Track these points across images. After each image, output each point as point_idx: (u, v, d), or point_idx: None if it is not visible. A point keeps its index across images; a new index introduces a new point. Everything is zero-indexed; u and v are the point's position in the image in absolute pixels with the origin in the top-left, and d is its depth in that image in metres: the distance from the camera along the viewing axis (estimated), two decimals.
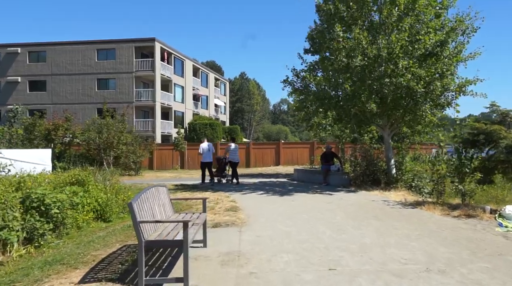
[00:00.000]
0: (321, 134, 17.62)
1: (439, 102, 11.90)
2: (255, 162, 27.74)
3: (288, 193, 11.75)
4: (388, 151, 13.29)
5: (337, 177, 13.74)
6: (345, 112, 12.83)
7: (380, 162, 13.65)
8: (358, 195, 11.22)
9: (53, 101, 36.06)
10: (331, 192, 11.75)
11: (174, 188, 13.72)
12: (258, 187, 13.77)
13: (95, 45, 36.16)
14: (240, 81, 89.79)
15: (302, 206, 9.25)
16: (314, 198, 10.66)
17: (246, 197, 11.20)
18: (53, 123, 18.08)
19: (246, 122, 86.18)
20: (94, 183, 8.84)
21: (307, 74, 14.00)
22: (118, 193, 9.47)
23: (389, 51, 10.92)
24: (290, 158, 28.00)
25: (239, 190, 12.82)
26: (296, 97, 15.22)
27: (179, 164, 27.25)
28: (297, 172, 16.48)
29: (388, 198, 10.56)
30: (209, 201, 10.48)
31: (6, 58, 36.59)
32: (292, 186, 14.23)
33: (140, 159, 20.01)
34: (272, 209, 9.00)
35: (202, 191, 12.78)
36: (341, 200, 10.15)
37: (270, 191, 12.57)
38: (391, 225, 7.03)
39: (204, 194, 11.91)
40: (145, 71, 35.82)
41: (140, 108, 36.84)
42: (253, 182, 15.97)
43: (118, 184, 10.97)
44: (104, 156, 18.84)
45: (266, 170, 23.92)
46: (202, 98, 48.47)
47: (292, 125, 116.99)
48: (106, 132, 18.66)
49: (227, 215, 8.11)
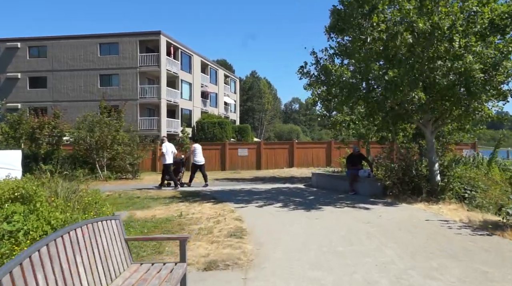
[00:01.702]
0: (343, 134, 15.16)
1: (502, 92, 9.33)
2: (267, 163, 25.37)
3: (309, 206, 9.34)
4: (431, 152, 10.77)
5: (367, 184, 11.29)
6: (379, 106, 10.37)
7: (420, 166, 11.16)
8: (400, 209, 8.74)
9: (54, 98, 34.22)
10: (365, 205, 9.30)
11: (169, 197, 11.43)
12: (271, 196, 11.40)
13: (97, 39, 34.21)
14: (251, 80, 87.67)
15: (332, 228, 6.85)
16: (344, 214, 8.23)
17: (257, 211, 8.84)
18: (38, 121, 15.98)
19: (257, 122, 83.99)
20: (51, 198, 6.59)
21: (328, 63, 11.61)
22: (87, 208, 7.21)
23: (450, 25, 8.35)
24: (304, 159, 25.56)
25: (248, 200, 10.47)
26: (315, 89, 12.84)
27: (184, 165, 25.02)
28: (316, 177, 14.06)
29: (442, 215, 8.08)
30: (209, 217, 8.15)
31: (5, 53, 34.90)
32: (313, 194, 11.82)
33: (138, 160, 17.81)
34: (291, 233, 6.62)
35: (203, 201, 10.46)
36: (382, 218, 7.71)
37: (286, 201, 10.18)
38: (479, 271, 4.57)
39: (204, 206, 9.57)
40: (150, 67, 33.73)
41: (144, 106, 34.78)
42: (265, 188, 13.61)
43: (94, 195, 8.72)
44: (97, 157, 16.67)
45: (279, 173, 21.54)
46: (211, 95, 46.25)
47: (304, 125, 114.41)
48: (99, 131, 16.49)
49: (228, 246, 5.74)
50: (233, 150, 25.52)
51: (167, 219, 8.09)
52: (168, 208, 9.59)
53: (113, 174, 17.26)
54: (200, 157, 14.41)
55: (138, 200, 11.29)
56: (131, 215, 8.78)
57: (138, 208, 9.91)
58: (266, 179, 17.89)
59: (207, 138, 36.62)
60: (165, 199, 11.03)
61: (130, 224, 7.82)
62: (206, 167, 26.29)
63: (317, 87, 12.83)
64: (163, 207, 9.70)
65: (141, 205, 10.27)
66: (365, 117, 12.18)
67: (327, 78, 11.50)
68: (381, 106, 10.30)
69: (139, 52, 33.67)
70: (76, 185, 8.13)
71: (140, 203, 10.63)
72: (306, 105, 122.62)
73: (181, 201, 10.66)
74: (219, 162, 25.38)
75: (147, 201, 10.94)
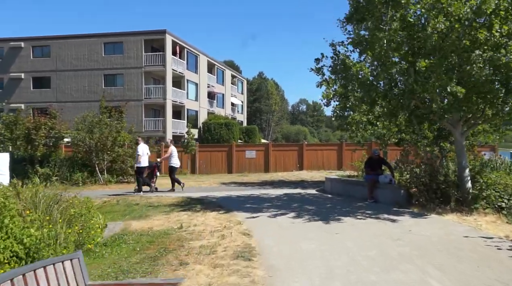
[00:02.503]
0: (359, 135, 14.04)
1: None
2: (275, 166, 24.35)
3: (326, 216, 8.28)
4: (460, 156, 9.65)
5: (388, 191, 10.18)
6: (403, 104, 9.28)
7: (447, 170, 10.05)
8: (432, 222, 7.65)
9: (57, 99, 33.51)
10: (389, 216, 8.22)
11: (170, 204, 10.45)
12: (283, 204, 10.36)
13: (102, 38, 33.47)
14: (258, 81, 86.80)
15: (358, 247, 5.80)
16: (368, 228, 7.16)
17: (267, 223, 7.80)
18: (34, 121, 15.09)
19: (264, 123, 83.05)
20: (26, 210, 5.63)
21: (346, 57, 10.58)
22: (72, 221, 6.25)
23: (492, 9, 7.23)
24: (315, 162, 24.49)
25: (257, 209, 9.44)
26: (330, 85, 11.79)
27: (189, 168, 24.08)
28: (330, 182, 12.99)
29: (481, 229, 6.97)
30: (213, 230, 7.15)
31: (9, 53, 34.31)
32: (328, 202, 10.76)
33: None
34: (309, 253, 5.58)
35: (207, 209, 9.45)
36: (413, 234, 6.63)
37: (299, 210, 9.14)
38: None
39: (208, 216, 8.56)
40: (155, 66, 32.89)
41: (150, 107, 33.94)
42: (275, 194, 12.58)
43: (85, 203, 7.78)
44: (97, 160, 15.77)
45: (288, 176, 20.49)
46: (218, 96, 45.33)
47: (311, 126, 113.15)
48: (99, 132, 15.58)
49: (234, 271, 4.71)
50: (240, 151, 24.53)
51: (165, 232, 7.11)
52: (168, 217, 8.62)
53: (114, 178, 16.36)
54: (177, 159, 13.98)
55: (137, 207, 10.34)
56: (126, 227, 7.82)
57: (135, 217, 8.95)
58: (276, 183, 16.86)
59: (213, 139, 35.68)
60: (166, 207, 10.06)
61: (123, 238, 6.85)
62: (212, 169, 25.68)
63: (332, 84, 11.82)
64: (162, 217, 8.73)
65: (139, 214, 9.32)
66: (384, 117, 11.08)
67: (345, 72, 10.48)
68: (405, 104, 9.21)
69: (144, 52, 32.85)
70: (62, 192, 7.16)
71: (139, 211, 9.67)
72: (313, 106, 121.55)
73: (183, 209, 9.68)
74: (225, 165, 24.42)
75: (147, 209, 9.98)
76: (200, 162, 24.46)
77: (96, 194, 12.70)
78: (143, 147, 13.21)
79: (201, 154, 24.57)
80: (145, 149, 13.21)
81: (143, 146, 13.20)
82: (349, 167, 22.00)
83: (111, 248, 6.32)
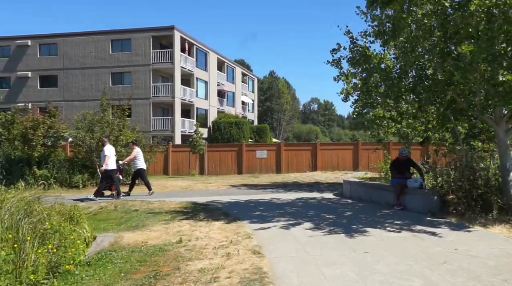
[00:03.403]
0: (380, 133, 12.81)
1: None
2: (287, 166, 23.18)
3: (349, 228, 7.10)
4: (504, 157, 8.35)
5: (419, 197, 8.91)
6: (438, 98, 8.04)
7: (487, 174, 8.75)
8: (479, 237, 6.38)
9: (65, 98, 32.90)
10: (424, 227, 6.98)
11: (172, 210, 9.37)
12: (298, 211, 9.20)
13: (109, 35, 32.74)
14: (270, 80, 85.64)
15: (393, 274, 4.61)
16: (402, 245, 5.94)
17: (281, 237, 6.64)
18: (31, 120, 14.19)
19: (275, 122, 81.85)
20: None
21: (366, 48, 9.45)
22: (45, 238, 5.19)
23: None
24: (329, 162, 23.26)
25: (269, 218, 8.29)
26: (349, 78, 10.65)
27: (197, 169, 23.05)
28: (349, 185, 11.77)
29: None
30: (217, 245, 6.03)
31: (16, 51, 33.81)
32: (348, 208, 9.56)
33: None
34: (334, 281, 4.41)
35: (212, 218, 8.34)
36: (460, 254, 5.40)
37: (317, 220, 7.97)
38: None
39: (212, 227, 7.45)
40: (163, 64, 32.01)
41: (158, 105, 33.08)
42: (288, 198, 11.42)
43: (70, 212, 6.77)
44: (97, 160, 14.79)
45: (301, 177, 19.30)
46: (228, 94, 44.31)
47: (322, 125, 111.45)
48: (99, 131, 14.61)
49: None
50: (250, 151, 23.42)
51: (160, 248, 6.01)
52: (167, 228, 7.53)
53: None
54: (142, 161, 13.07)
55: (136, 214, 9.30)
56: (117, 240, 6.74)
57: (131, 226, 7.89)
58: (288, 186, 15.70)
59: (223, 139, 34.68)
60: (167, 214, 8.99)
61: (111, 255, 5.77)
62: (221, 170, 24.51)
63: (352, 77, 10.66)
64: (161, 227, 7.64)
65: (135, 222, 8.25)
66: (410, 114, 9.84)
67: (366, 64, 9.30)
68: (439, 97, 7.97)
69: (152, 49, 32.01)
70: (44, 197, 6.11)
71: (136, 219, 8.62)
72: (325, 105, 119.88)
73: (186, 217, 8.59)
74: (235, 165, 23.33)
75: (146, 216, 8.92)
76: (209, 163, 23.42)
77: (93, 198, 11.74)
78: (110, 148, 12.20)
79: (210, 154, 23.53)
80: (112, 151, 12.20)
81: (110, 147, 12.21)
82: (369, 168, 20.73)
83: (94, 268, 5.25)
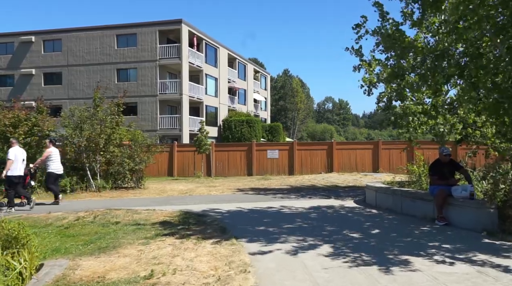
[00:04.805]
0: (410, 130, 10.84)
1: None
2: (301, 167, 21.36)
3: (382, 256, 5.24)
4: None
5: (468, 210, 6.94)
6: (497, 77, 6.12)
7: None
8: None
9: (69, 95, 31.77)
10: (487, 256, 5.06)
11: (159, 222, 7.64)
12: (311, 226, 7.37)
13: (114, 30, 31.47)
14: (283, 79, 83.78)
15: None
16: None
17: (287, 269, 4.83)
18: (11, 116, 12.66)
19: (289, 121, 79.96)
20: None
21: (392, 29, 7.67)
22: None
23: None
24: (347, 162, 21.37)
25: (274, 235, 6.49)
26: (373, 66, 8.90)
27: (204, 170, 21.41)
28: (374, 191, 9.88)
29: None
30: (198, 284, 4.27)
31: (20, 48, 32.83)
32: (376, 222, 7.68)
33: (140, 165, 14.23)
34: None
35: (203, 235, 6.59)
36: None
37: (336, 240, 6.12)
38: None
39: (201, 251, 5.69)
40: (171, 59, 30.53)
41: (165, 103, 31.63)
42: (300, 207, 9.60)
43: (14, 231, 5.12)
44: (87, 162, 13.23)
45: (316, 180, 17.45)
46: (239, 92, 42.63)
47: (337, 124, 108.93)
48: (90, 129, 13.05)
49: None
50: (261, 151, 21.65)
51: None
52: (142, 251, 5.79)
53: (109, 183, 13.80)
54: (58, 164, 11.04)
55: (114, 228, 7.62)
56: (67, 273, 4.98)
57: (98, 248, 6.17)
58: (302, 190, 13.87)
59: (234, 138, 33.04)
60: (151, 229, 7.29)
61: None
62: (229, 171, 22.68)
63: (375, 66, 8.91)
64: (135, 250, 5.91)
65: (107, 242, 6.54)
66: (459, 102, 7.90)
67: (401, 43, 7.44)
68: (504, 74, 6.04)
69: (159, 44, 30.56)
70: None
71: (111, 236, 6.92)
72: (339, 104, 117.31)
73: (172, 232, 6.87)
74: (244, 166, 21.61)
75: (125, 231, 7.24)
76: (216, 163, 21.75)
77: (64, 206, 10.08)
78: (17, 150, 10.07)
79: (217, 154, 21.88)
80: (19, 154, 10.05)
81: (16, 149, 10.08)
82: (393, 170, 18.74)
83: None
